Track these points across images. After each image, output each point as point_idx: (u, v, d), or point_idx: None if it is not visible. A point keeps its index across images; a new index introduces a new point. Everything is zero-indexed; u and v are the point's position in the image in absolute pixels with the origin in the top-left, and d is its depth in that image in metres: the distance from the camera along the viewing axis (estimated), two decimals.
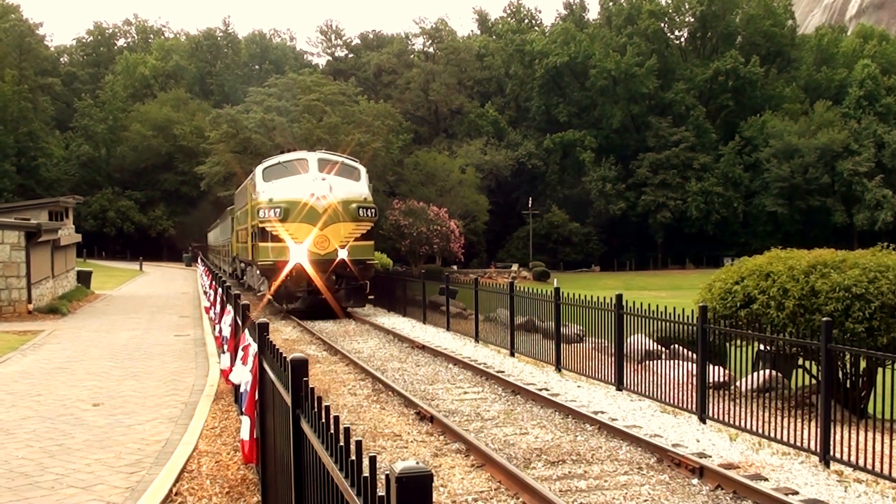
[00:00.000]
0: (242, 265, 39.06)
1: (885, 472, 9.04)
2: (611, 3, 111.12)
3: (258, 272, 30.30)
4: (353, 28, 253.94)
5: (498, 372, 16.54)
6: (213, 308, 20.64)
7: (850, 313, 12.01)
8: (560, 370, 16.93)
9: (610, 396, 14.24)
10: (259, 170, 30.27)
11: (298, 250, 27.13)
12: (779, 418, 10.75)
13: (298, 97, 75.26)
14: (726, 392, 12.71)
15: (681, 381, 12.93)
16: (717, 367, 13.45)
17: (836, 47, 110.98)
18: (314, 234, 27.17)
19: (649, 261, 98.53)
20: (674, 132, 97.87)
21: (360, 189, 29.20)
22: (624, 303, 14.59)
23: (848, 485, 9.22)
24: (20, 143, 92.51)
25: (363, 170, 30.81)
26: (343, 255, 27.48)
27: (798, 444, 10.28)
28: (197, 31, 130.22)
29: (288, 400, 5.18)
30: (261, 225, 28.14)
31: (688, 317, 12.62)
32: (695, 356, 12.91)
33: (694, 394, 12.38)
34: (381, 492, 2.97)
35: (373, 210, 28.97)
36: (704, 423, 12.05)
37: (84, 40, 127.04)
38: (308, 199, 27.24)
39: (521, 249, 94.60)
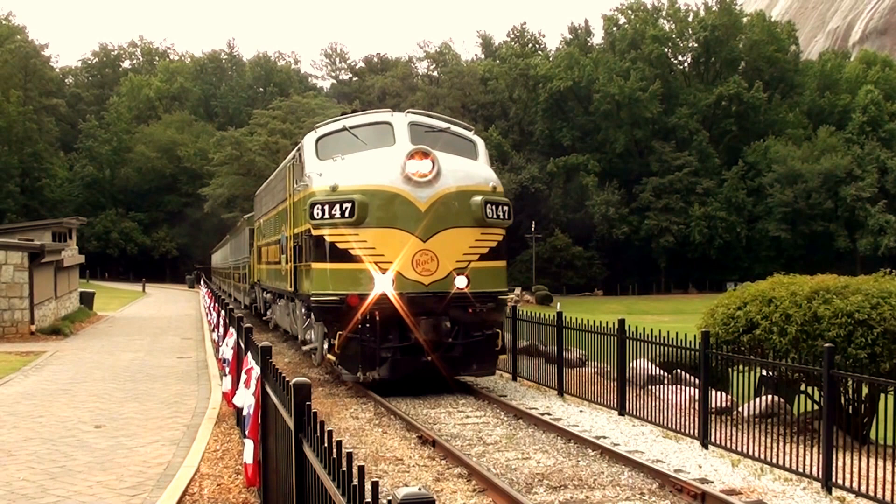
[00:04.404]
0: (268, 296, 28.52)
1: (888, 498, 9.02)
2: (615, 28, 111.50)
3: (305, 312, 19.41)
4: (357, 51, 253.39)
5: (500, 396, 16.51)
6: (216, 331, 20.63)
7: (853, 339, 12.01)
8: (562, 395, 16.90)
9: (612, 421, 14.22)
10: (310, 140, 19.08)
11: (383, 276, 16.27)
12: (781, 444, 10.74)
13: (303, 120, 75.58)
14: (728, 417, 12.70)
15: (683, 407, 12.91)
16: (719, 393, 13.45)
17: (839, 73, 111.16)
18: (411, 249, 16.50)
19: (652, 285, 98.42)
20: (677, 157, 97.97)
21: (481, 172, 18.10)
22: (626, 327, 14.60)
23: None
24: (24, 164, 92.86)
25: (481, 143, 19.69)
26: (461, 283, 16.61)
27: (800, 470, 10.26)
28: (202, 53, 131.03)
29: (290, 423, 5.19)
30: (315, 231, 17.05)
31: (690, 342, 12.63)
32: (697, 381, 12.90)
33: (696, 419, 12.37)
34: None
35: (506, 208, 17.71)
36: (706, 448, 12.03)
37: (89, 62, 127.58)
38: (399, 188, 16.58)
39: (524, 273, 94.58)
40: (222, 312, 16.93)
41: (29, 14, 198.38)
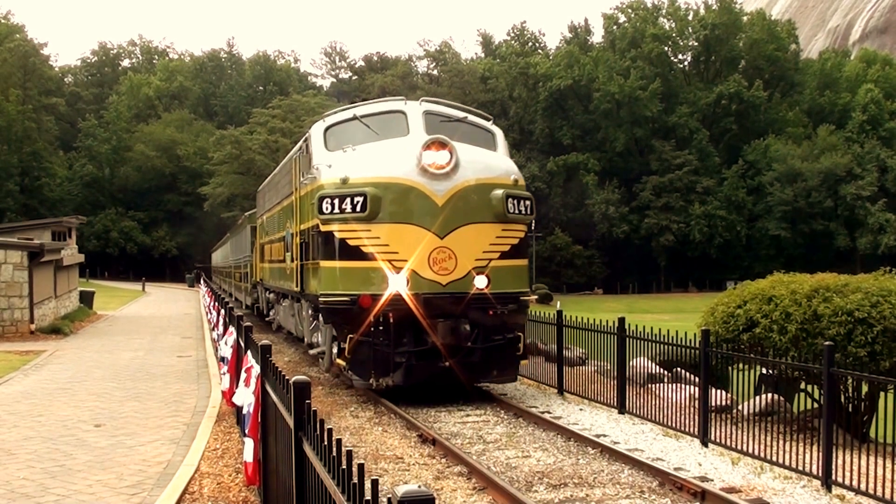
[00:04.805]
0: (272, 296, 27.45)
1: (888, 496, 9.02)
2: (615, 27, 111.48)
3: (312, 313, 18.57)
4: (357, 50, 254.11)
5: (500, 395, 16.50)
6: (215, 329, 20.61)
7: (853, 337, 12.01)
8: (562, 393, 16.89)
9: (612, 420, 14.21)
10: (318, 130, 17.97)
11: (397, 276, 15.17)
12: (781, 442, 10.74)
13: (302, 119, 75.56)
14: (728, 416, 12.70)
15: (683, 405, 12.93)
16: (719, 391, 13.45)
17: (839, 72, 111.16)
18: (427, 246, 15.36)
19: (652, 284, 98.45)
20: (677, 155, 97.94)
21: (501, 163, 17.08)
22: (626, 326, 14.60)
23: None
24: (24, 163, 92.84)
25: (500, 133, 18.56)
26: (481, 283, 15.49)
27: (800, 467, 10.26)
28: (201, 52, 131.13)
29: (290, 422, 5.19)
30: (324, 227, 15.95)
31: (690, 340, 12.63)
32: (697, 380, 12.91)
33: (696, 417, 12.37)
34: None
35: (528, 202, 16.53)
36: (706, 446, 12.03)
37: (89, 60, 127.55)
38: (414, 180, 15.47)
39: None
40: (222, 311, 16.92)
41: (28, 13, 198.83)
